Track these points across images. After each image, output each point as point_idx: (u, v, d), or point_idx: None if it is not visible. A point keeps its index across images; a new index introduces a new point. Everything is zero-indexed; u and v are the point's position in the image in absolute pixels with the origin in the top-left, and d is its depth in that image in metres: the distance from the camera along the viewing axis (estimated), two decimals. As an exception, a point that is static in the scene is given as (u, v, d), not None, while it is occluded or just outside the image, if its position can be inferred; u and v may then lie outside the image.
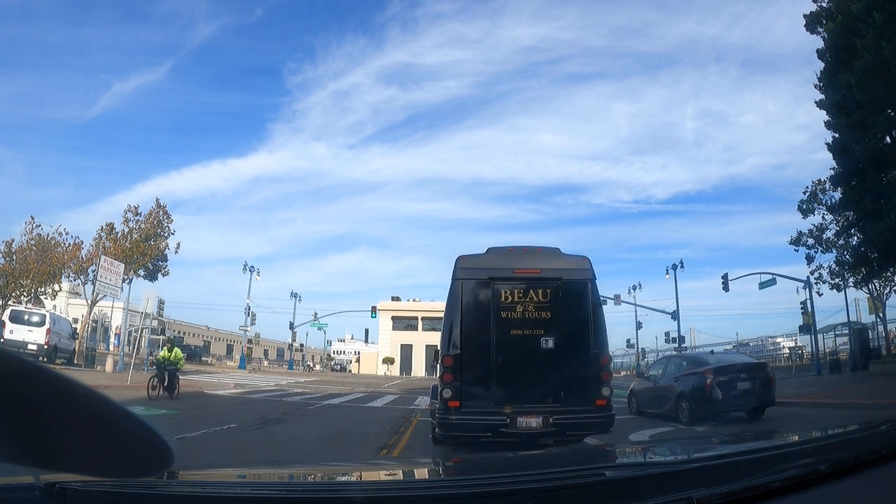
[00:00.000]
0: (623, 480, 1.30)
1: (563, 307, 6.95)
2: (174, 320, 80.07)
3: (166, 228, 32.33)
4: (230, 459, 6.58)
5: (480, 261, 7.27)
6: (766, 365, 13.75)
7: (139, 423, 0.67)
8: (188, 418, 10.15)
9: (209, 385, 19.63)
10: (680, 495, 1.20)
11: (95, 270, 23.85)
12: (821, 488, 1.33)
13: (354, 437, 9.44)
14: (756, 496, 1.26)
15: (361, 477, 2.00)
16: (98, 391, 0.64)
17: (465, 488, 1.32)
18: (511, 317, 6.91)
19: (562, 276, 7.08)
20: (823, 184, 25.80)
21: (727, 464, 1.50)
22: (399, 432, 9.51)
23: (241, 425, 9.58)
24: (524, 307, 6.94)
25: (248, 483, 1.62)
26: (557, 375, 6.79)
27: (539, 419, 6.58)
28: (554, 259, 7.38)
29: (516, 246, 7.75)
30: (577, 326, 6.96)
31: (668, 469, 1.46)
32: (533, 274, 7.08)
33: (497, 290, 6.95)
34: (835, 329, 31.71)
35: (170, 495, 1.14)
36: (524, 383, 6.80)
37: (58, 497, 1.01)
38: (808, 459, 1.46)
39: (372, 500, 1.25)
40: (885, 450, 1.49)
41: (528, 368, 6.86)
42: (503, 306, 6.92)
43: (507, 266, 7.14)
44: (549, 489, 1.21)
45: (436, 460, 3.91)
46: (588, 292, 7.15)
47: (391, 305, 62.90)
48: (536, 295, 6.97)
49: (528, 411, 6.62)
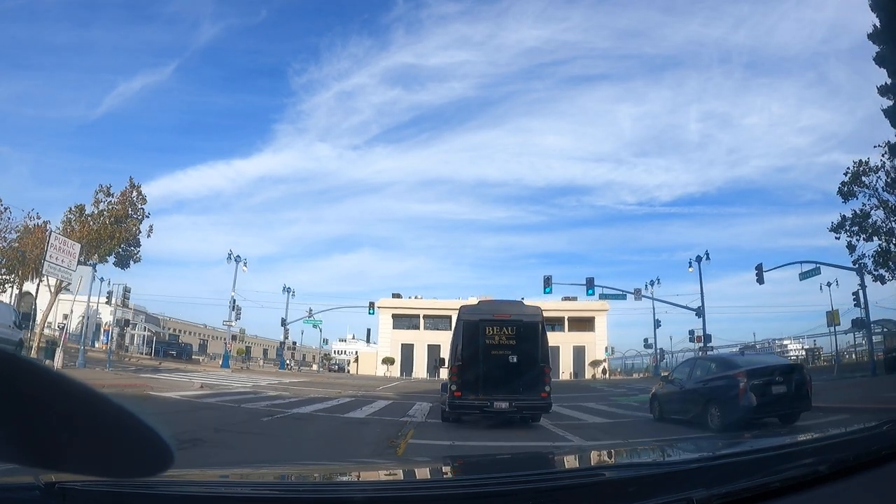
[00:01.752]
0: (623, 481, 1.30)
1: (522, 337, 11.11)
2: (169, 318, 78.65)
3: (140, 210, 29.63)
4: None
5: (475, 308, 11.97)
6: (803, 367, 13.01)
7: (139, 422, 0.67)
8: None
9: (168, 385, 17.24)
10: (679, 496, 1.20)
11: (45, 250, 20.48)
12: (820, 489, 1.33)
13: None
14: (755, 497, 1.26)
15: (363, 477, 2.00)
16: (98, 390, 0.64)
17: (466, 488, 1.32)
18: (491, 343, 11.02)
19: (522, 319, 11.33)
20: (866, 164, 23.77)
21: (726, 464, 1.50)
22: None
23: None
24: (499, 337, 11.09)
25: (250, 483, 1.62)
26: (518, 378, 10.81)
27: (506, 403, 10.59)
28: (518, 308, 11.94)
29: (496, 300, 14.28)
30: (531, 349, 11.08)
31: (667, 469, 1.46)
32: (505, 318, 11.32)
33: (483, 327, 11.13)
34: (869, 326, 27.26)
35: (171, 495, 1.14)
36: (498, 382, 10.70)
37: (58, 497, 1.01)
38: (807, 460, 1.46)
39: (374, 500, 1.25)
40: (885, 450, 1.49)
41: (501, 374, 10.74)
42: (487, 336, 11.07)
43: (490, 312, 11.60)
44: (549, 490, 1.21)
45: (437, 460, 3.90)
46: (538, 328, 11.30)
47: (392, 303, 61.22)
48: (507, 330, 11.12)
49: (500, 399, 10.56)
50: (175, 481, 1.25)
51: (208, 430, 8.53)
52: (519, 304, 12.27)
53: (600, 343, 57.98)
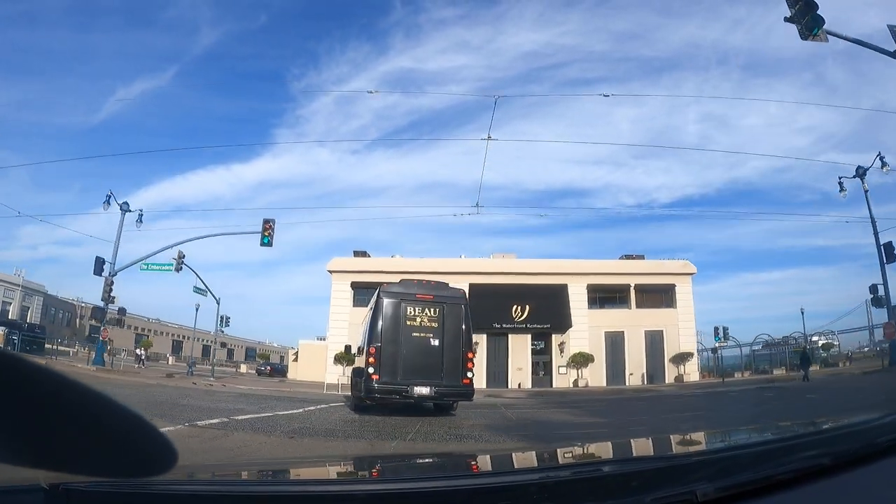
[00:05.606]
0: (626, 475, 1.30)
1: (446, 320, 10.62)
2: (136, 315, 70.59)
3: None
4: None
5: (396, 286, 11.09)
6: None
7: (142, 422, 0.67)
8: None
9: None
10: (683, 489, 1.20)
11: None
12: (824, 481, 1.33)
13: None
14: (759, 489, 1.26)
15: (374, 472, 2.00)
16: (100, 391, 0.64)
17: (467, 485, 1.32)
18: (413, 324, 10.48)
19: (446, 301, 10.81)
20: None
21: (730, 457, 1.50)
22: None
23: None
24: (421, 318, 10.54)
25: (252, 481, 1.62)
26: (440, 363, 10.37)
27: (427, 388, 10.10)
28: (443, 289, 11.31)
29: (419, 279, 12.12)
30: (454, 332, 10.63)
31: (670, 463, 1.46)
32: (428, 298, 10.73)
33: (405, 306, 10.53)
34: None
35: (174, 494, 1.14)
36: (419, 366, 10.23)
37: (61, 498, 1.01)
38: (810, 452, 1.46)
39: (375, 495, 1.25)
40: (889, 442, 1.49)
41: (422, 357, 10.33)
42: (408, 317, 10.49)
43: (412, 291, 10.86)
44: (552, 485, 1.21)
45: (437, 455, 3.91)
46: (462, 310, 10.81)
47: (352, 264, 36.35)
48: (430, 311, 10.59)
49: (420, 383, 10.07)
50: (179, 480, 1.25)
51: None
52: (443, 285, 11.67)
53: (686, 325, 35.77)
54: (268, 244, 25.06)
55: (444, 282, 12.05)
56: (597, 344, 35.38)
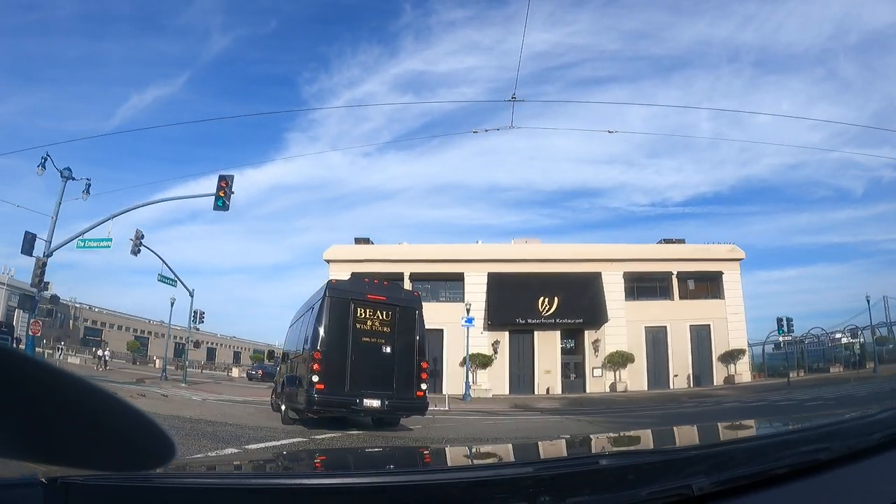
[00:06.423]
0: (622, 468, 1.30)
1: (399, 325, 9.60)
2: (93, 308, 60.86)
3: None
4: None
5: (344, 284, 9.97)
6: None
7: (140, 415, 0.67)
8: None
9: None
10: (679, 483, 1.21)
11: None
12: (820, 476, 1.33)
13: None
14: (755, 484, 1.27)
15: (371, 464, 2.00)
16: (98, 385, 0.64)
17: (463, 477, 1.33)
18: (363, 328, 9.36)
19: (399, 303, 9.79)
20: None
21: (726, 451, 1.50)
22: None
23: None
24: (372, 322, 9.45)
25: (250, 473, 1.62)
26: (392, 372, 9.32)
27: (378, 401, 9.00)
28: (395, 291, 10.40)
29: (370, 279, 10.90)
30: (407, 339, 9.63)
31: (666, 457, 1.47)
32: (380, 300, 9.64)
33: (354, 308, 9.37)
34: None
35: (173, 487, 1.14)
36: (370, 375, 9.15)
37: (60, 492, 1.01)
38: (807, 447, 1.46)
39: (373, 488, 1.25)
40: (885, 437, 1.50)
41: (373, 366, 9.25)
42: (358, 319, 9.36)
43: (362, 291, 9.71)
44: (549, 478, 1.22)
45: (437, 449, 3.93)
46: (416, 315, 9.81)
47: (352, 252, 33.21)
48: (382, 314, 9.51)
49: (371, 395, 8.97)
50: (178, 473, 1.25)
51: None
52: (396, 287, 10.94)
53: (735, 318, 31.27)
54: (222, 207, 18.90)
55: (397, 283, 11.41)
56: (636, 341, 30.41)
